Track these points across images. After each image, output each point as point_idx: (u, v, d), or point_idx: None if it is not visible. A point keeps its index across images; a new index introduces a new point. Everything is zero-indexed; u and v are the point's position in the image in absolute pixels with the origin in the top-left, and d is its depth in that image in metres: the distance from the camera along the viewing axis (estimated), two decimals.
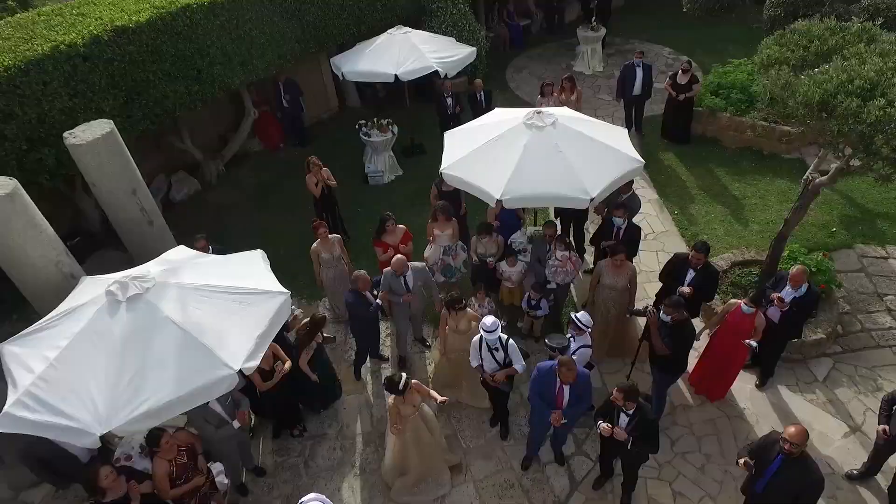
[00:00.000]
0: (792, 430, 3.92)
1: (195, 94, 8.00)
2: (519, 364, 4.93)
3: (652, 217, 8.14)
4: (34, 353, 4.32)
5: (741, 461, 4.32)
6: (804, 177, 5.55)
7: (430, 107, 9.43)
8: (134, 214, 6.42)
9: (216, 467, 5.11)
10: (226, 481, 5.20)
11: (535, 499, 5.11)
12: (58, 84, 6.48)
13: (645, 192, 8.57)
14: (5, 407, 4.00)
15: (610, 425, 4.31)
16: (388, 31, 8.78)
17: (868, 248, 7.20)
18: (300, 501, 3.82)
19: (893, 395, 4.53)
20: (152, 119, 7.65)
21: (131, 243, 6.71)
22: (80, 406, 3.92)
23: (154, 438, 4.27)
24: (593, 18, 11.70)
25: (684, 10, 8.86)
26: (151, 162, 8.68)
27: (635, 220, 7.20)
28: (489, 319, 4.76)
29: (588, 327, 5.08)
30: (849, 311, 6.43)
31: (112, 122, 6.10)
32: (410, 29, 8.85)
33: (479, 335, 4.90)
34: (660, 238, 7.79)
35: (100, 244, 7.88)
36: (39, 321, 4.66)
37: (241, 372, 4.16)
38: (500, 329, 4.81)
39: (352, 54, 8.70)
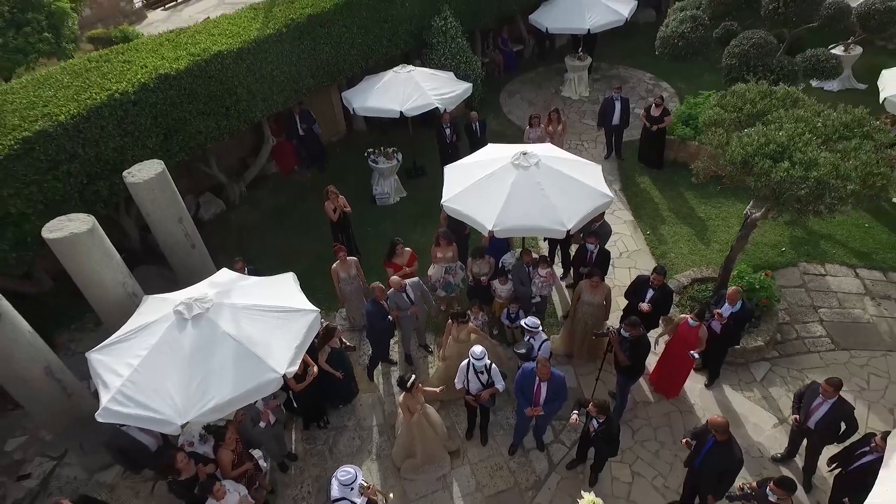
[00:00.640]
0: (714, 420, 5.10)
1: (223, 128, 9.13)
2: (500, 384, 6.03)
3: (626, 237, 9.31)
4: (119, 361, 5.44)
5: (684, 440, 5.53)
6: (745, 211, 6.73)
7: (430, 133, 10.55)
8: (179, 238, 7.56)
9: (256, 453, 6.27)
10: (265, 464, 6.36)
11: (520, 478, 6.30)
12: (112, 126, 7.60)
13: (622, 213, 9.76)
14: (103, 403, 5.13)
15: (577, 415, 5.50)
16: (394, 69, 9.91)
17: (810, 265, 8.40)
18: (338, 470, 5.01)
19: (802, 390, 5.71)
20: (187, 151, 8.78)
21: (175, 263, 7.84)
22: (163, 402, 5.05)
23: (220, 433, 5.43)
24: (580, 48, 12.86)
25: (656, 53, 9.95)
26: (181, 185, 9.66)
27: (613, 238, 8.44)
28: (478, 349, 5.86)
29: (536, 328, 6.21)
30: (788, 322, 7.63)
31: (162, 162, 7.22)
32: (413, 67, 9.99)
33: (467, 360, 5.98)
34: (633, 256, 8.96)
35: (140, 260, 9.01)
36: (116, 334, 5.77)
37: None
38: (486, 357, 5.92)
39: (361, 91, 9.83)
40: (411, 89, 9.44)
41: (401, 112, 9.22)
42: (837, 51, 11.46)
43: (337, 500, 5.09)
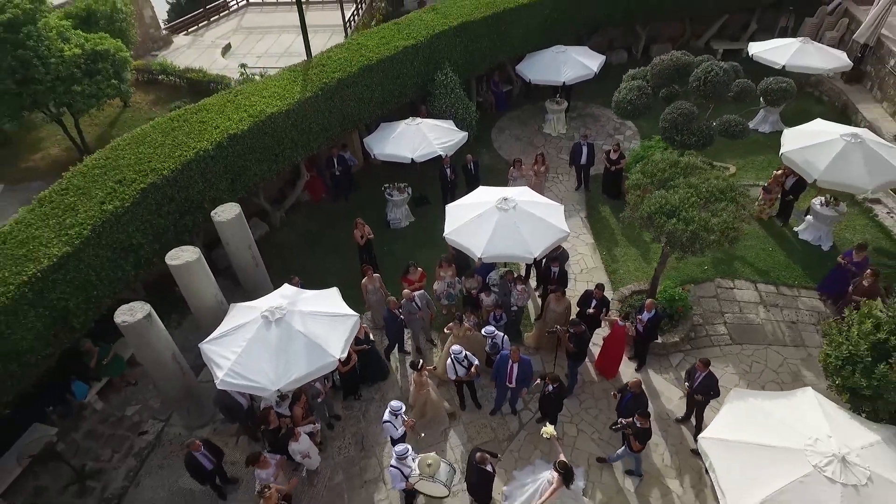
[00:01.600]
0: (632, 381, 7.85)
1: (273, 170, 11.84)
2: (475, 361, 8.71)
3: (587, 256, 12.05)
4: (225, 349, 8.12)
5: (613, 393, 8.29)
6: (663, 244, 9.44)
7: (433, 170, 13.22)
8: (248, 261, 10.27)
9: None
10: (317, 425, 9.07)
11: (498, 433, 9.05)
12: (197, 175, 10.29)
13: (585, 237, 12.50)
14: (219, 377, 7.79)
15: (540, 382, 8.23)
16: (405, 121, 12.60)
17: (723, 281, 11.15)
18: (392, 401, 7.76)
19: (689, 369, 8.44)
20: (246, 189, 11.48)
21: (243, 278, 10.54)
22: (261, 376, 7.73)
23: (297, 398, 8.16)
24: (558, 94, 15.57)
25: (612, 108, 12.60)
26: None
27: (575, 257, 11.19)
28: (456, 347, 8.56)
29: (491, 333, 8.84)
30: (700, 323, 10.38)
31: (239, 205, 9.90)
32: (421, 119, 12.68)
33: (450, 358, 8.64)
34: (591, 272, 11.69)
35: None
36: (217, 331, 8.42)
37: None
38: (463, 351, 8.60)
39: (379, 139, 12.52)
40: (419, 139, 12.15)
41: (412, 159, 11.94)
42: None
43: (385, 421, 7.81)
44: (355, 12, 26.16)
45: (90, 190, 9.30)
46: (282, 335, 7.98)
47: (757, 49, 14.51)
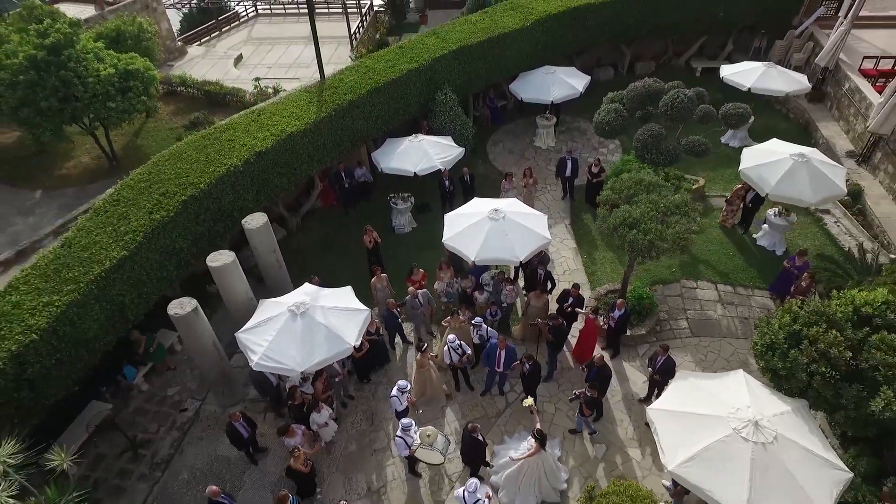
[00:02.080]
0: (596, 356, 9.48)
1: (292, 181, 13.46)
2: (468, 350, 10.36)
3: (570, 259, 13.68)
4: (258, 338, 9.72)
5: (581, 367, 9.91)
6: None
7: (434, 180, 14.79)
8: (272, 263, 11.89)
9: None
10: (333, 407, 10.69)
11: (488, 410, 10.68)
12: (228, 188, 11.90)
13: (568, 242, 14.13)
14: (254, 360, 9.40)
15: (521, 363, 9.85)
16: (409, 138, 14.22)
17: (688, 282, 12.77)
18: (399, 381, 9.37)
19: (652, 355, 10.05)
20: (268, 198, 13.10)
21: (267, 276, 12.16)
22: (289, 359, 9.34)
23: (318, 376, 9.80)
24: (548, 111, 17.19)
25: (593, 128, 14.19)
26: None
27: (558, 260, 12.81)
28: (451, 336, 10.19)
29: (479, 323, 10.48)
30: (665, 318, 12.00)
31: (266, 214, 11.51)
32: (423, 136, 14.31)
33: (446, 346, 10.29)
34: (572, 274, 13.31)
35: None
36: (249, 323, 10.03)
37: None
38: (457, 340, 10.23)
39: (386, 154, 14.14)
40: (421, 155, 13.78)
41: (415, 173, 13.56)
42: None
43: (392, 396, 9.45)
44: (360, 24, 27.82)
45: (139, 201, 10.92)
46: (305, 326, 9.59)
47: (727, 72, 16.13)
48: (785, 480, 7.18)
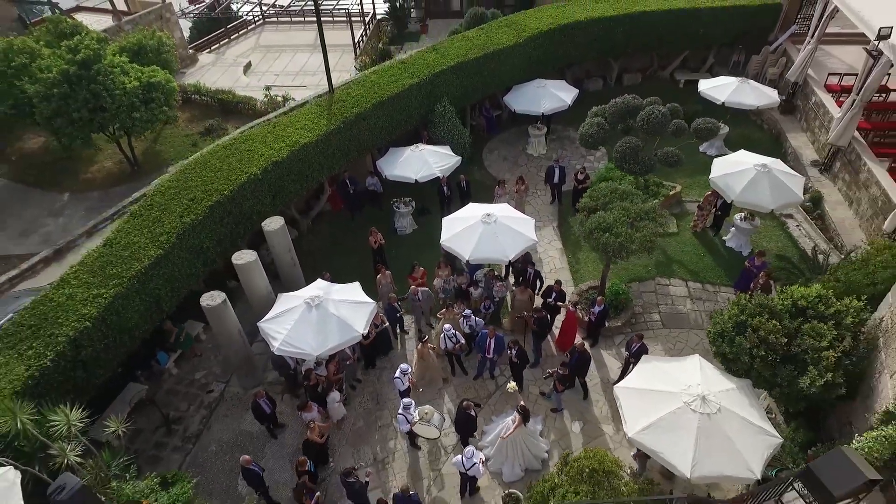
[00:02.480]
0: (577, 343, 10.95)
1: (304, 187, 14.92)
2: (461, 339, 11.83)
3: (556, 259, 15.14)
4: (278, 326, 11.18)
5: (566, 353, 11.38)
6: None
7: (433, 186, 16.24)
8: (288, 261, 13.37)
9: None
10: (344, 393, 12.15)
11: (480, 392, 12.14)
12: (249, 193, 13.36)
13: (555, 243, 15.59)
14: (276, 346, 10.87)
15: (508, 350, 11.32)
16: (410, 148, 15.69)
17: (662, 279, 14.23)
18: (402, 364, 10.84)
19: (628, 341, 11.50)
20: (283, 203, 14.56)
21: (282, 273, 13.64)
22: (305, 345, 10.79)
23: (330, 360, 11.27)
24: (539, 121, 18.65)
25: (579, 141, 15.63)
26: None
27: (545, 259, 14.29)
28: (446, 326, 11.67)
29: (468, 314, 11.95)
30: (640, 312, 13.47)
31: (283, 217, 12.97)
32: (423, 146, 15.77)
33: (442, 335, 11.76)
34: (558, 272, 14.77)
35: None
36: (270, 314, 11.50)
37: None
38: (452, 329, 11.70)
39: (389, 162, 15.61)
40: (421, 163, 15.24)
41: (415, 180, 15.03)
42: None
43: (395, 377, 10.92)
44: (364, 33, 29.24)
45: (170, 206, 12.37)
46: (320, 317, 11.04)
47: (704, 86, 17.58)
48: (725, 444, 8.63)
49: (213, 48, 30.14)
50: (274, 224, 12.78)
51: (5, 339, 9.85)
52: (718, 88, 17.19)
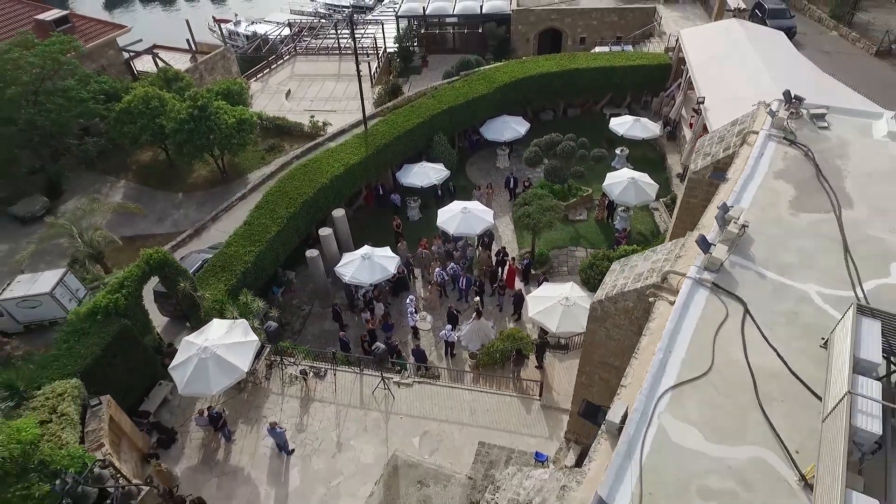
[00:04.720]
0: (517, 287, 20.97)
1: (351, 191, 24.96)
2: (447, 277, 21.84)
3: (508, 235, 25.14)
4: (345, 270, 21.20)
5: (510, 295, 21.47)
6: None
7: (433, 189, 26.12)
8: (345, 235, 23.40)
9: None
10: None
11: (459, 308, 22.18)
12: (321, 196, 23.34)
13: (508, 225, 25.62)
14: (347, 278, 20.80)
15: (474, 285, 21.34)
16: (418, 164, 25.68)
17: (572, 247, 24.19)
18: (409, 296, 20.92)
19: (540, 282, 21.47)
20: (341, 201, 24.55)
21: (340, 242, 23.63)
22: (364, 278, 20.78)
23: (376, 287, 21.33)
24: (503, 145, 28.63)
25: (524, 161, 25.46)
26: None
27: (500, 236, 24.43)
28: (437, 269, 21.66)
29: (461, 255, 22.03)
30: (555, 266, 23.45)
31: (344, 209, 22.94)
32: (427, 163, 25.78)
33: (436, 271, 21.75)
34: (508, 243, 24.74)
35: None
36: (339, 263, 21.51)
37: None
38: (440, 270, 21.68)
39: (404, 174, 25.66)
40: (424, 175, 25.24)
41: (421, 186, 25.06)
42: (619, 151, 27.22)
43: (407, 301, 20.98)
44: (378, 66, 39.13)
45: (278, 202, 22.31)
46: (370, 264, 20.92)
47: (612, 123, 27.55)
48: (575, 319, 18.62)
49: (258, 77, 39.97)
50: (338, 213, 22.79)
51: (210, 271, 19.81)
52: (620, 125, 27.17)
